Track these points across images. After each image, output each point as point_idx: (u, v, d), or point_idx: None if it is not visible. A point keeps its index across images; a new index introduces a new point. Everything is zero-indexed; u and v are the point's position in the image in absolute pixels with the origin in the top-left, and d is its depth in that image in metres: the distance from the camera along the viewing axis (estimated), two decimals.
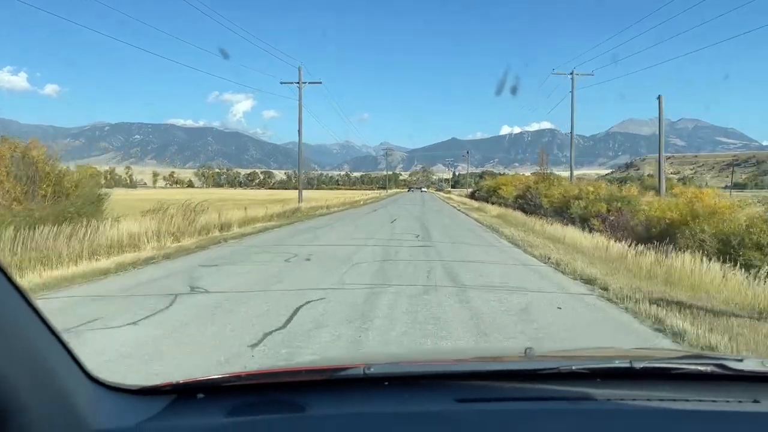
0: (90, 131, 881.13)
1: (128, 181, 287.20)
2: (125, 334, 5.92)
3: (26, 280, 8.82)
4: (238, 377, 1.32)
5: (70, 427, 1.01)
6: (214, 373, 1.37)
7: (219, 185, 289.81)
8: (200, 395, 1.27)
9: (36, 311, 0.98)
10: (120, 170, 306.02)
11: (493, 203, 54.71)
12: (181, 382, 1.29)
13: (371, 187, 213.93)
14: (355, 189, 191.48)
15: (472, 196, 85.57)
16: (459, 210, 41.78)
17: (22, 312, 0.94)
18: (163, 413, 1.20)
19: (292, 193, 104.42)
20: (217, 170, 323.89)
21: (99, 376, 1.18)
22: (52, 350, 1.02)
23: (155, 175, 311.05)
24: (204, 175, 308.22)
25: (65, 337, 1.07)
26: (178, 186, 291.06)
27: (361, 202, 60.71)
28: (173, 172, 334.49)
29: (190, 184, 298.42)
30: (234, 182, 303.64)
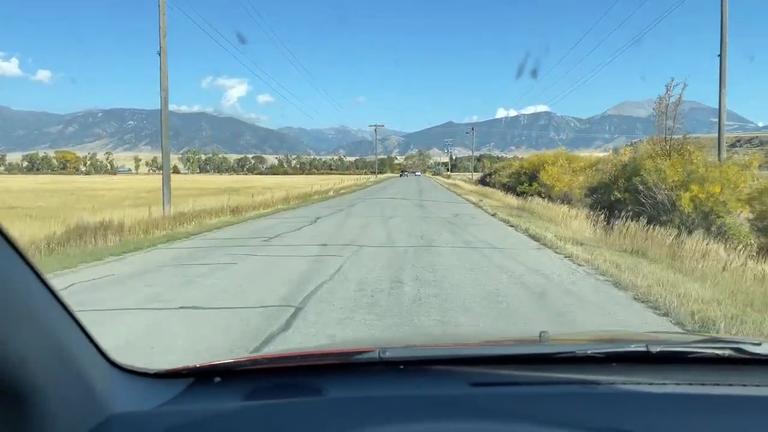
0: (83, 117, 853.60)
1: (109, 167, 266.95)
2: None
3: None
4: (254, 361, 1.33)
5: (89, 410, 1.00)
6: (231, 357, 1.37)
7: (206, 171, 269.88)
8: (217, 379, 1.26)
9: (54, 294, 0.96)
10: (101, 156, 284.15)
11: (520, 194, 34.51)
12: (198, 366, 1.27)
13: (365, 171, 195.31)
14: (348, 173, 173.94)
15: (483, 182, 65.20)
16: (495, 217, 19.91)
17: (40, 295, 0.93)
18: (180, 397, 1.19)
19: (266, 180, 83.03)
20: (202, 156, 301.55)
21: (117, 359, 1.16)
22: (70, 333, 1.00)
23: (137, 160, 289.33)
24: (189, 161, 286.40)
25: (84, 319, 1.05)
26: (161, 172, 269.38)
27: (331, 193, 40.20)
28: (156, 157, 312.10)
29: (176, 170, 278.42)
30: (221, 168, 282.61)
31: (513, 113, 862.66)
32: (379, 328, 5.35)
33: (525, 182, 38.39)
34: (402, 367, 1.29)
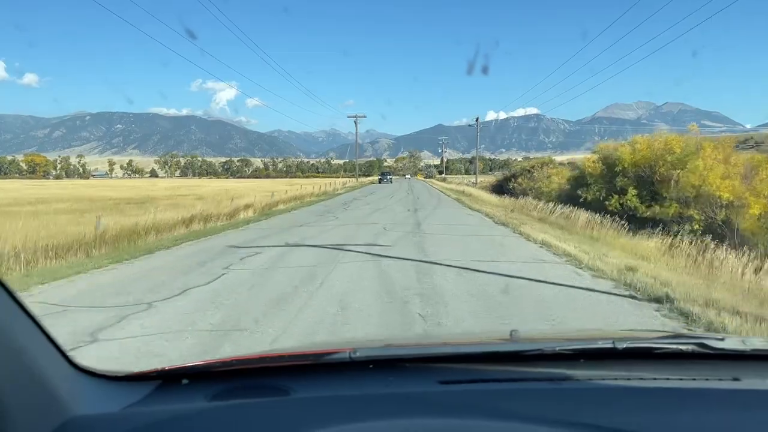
0: (71, 121, 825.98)
1: (82, 171, 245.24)
2: None
3: None
4: (224, 363, 1.28)
5: (52, 414, 0.98)
6: (201, 360, 1.34)
7: (185, 175, 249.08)
8: (185, 381, 1.23)
9: (16, 300, 0.95)
10: (73, 159, 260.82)
11: (616, 216, 15.12)
12: (167, 368, 1.25)
13: (353, 174, 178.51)
14: (334, 177, 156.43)
15: (500, 189, 45.68)
16: None
17: (0, 301, 0.92)
18: (147, 399, 1.17)
19: (222, 185, 63.50)
20: (181, 159, 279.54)
21: (84, 363, 1.14)
22: (32, 339, 0.99)
23: (111, 164, 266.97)
24: (167, 164, 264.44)
25: (47, 324, 1.03)
26: (137, 176, 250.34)
27: (241, 215, 20.56)
28: (131, 160, 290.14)
29: (153, 174, 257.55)
30: (201, 171, 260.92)
31: (503, 116, 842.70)
32: None
33: (629, 193, 18.83)
34: (372, 366, 1.25)
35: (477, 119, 68.98)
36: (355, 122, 68.28)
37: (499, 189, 45.25)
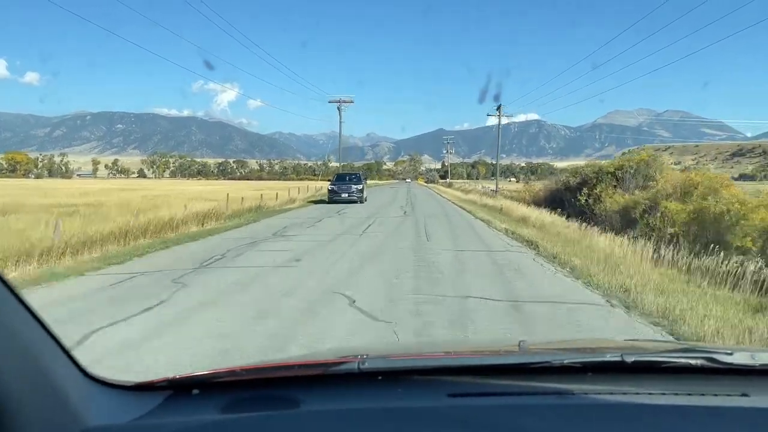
0: (71, 120, 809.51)
1: (64, 170, 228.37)
2: None
3: None
4: (233, 372, 1.26)
5: (64, 423, 0.96)
6: (210, 369, 1.32)
7: (176, 176, 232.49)
8: (195, 391, 1.21)
9: (28, 309, 0.94)
10: (57, 158, 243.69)
11: None
12: (176, 377, 1.23)
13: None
14: (324, 180, 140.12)
15: (561, 204, 27.96)
16: None
17: (14, 310, 0.91)
18: (157, 410, 1.14)
19: (164, 188, 43.86)
20: (170, 159, 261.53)
21: (94, 372, 1.13)
22: (45, 347, 0.97)
23: (95, 163, 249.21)
24: (154, 164, 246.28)
25: (59, 333, 1.01)
26: (122, 176, 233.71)
27: None
28: (116, 159, 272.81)
29: (142, 174, 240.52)
30: (190, 171, 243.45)
31: (504, 121, 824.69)
32: None
33: None
34: (380, 378, 1.23)
35: (499, 107, 51.72)
36: (338, 108, 51.02)
37: (558, 203, 27.46)
